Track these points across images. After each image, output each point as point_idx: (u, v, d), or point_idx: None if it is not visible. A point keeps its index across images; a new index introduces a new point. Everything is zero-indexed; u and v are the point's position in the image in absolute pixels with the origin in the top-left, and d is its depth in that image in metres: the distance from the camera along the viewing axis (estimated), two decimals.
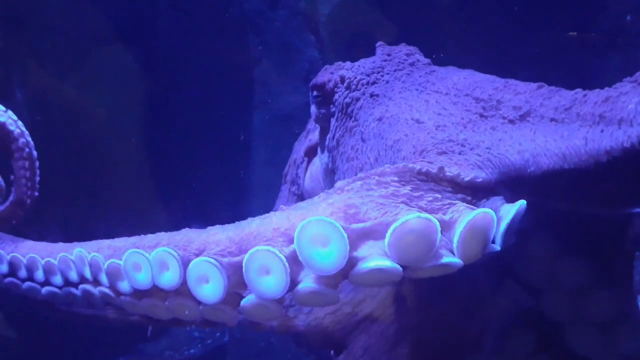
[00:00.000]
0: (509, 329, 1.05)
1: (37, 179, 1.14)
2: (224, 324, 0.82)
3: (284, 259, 0.75)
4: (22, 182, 1.07)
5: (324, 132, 1.28)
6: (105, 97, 2.93)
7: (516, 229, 0.82)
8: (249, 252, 0.75)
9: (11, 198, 1.12)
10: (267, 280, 0.75)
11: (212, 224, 0.84)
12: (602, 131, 0.81)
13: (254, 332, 2.56)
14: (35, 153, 1.19)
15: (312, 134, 1.39)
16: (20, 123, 1.20)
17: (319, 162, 1.32)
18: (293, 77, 3.25)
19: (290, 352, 2.52)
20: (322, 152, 1.29)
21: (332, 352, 1.05)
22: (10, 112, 1.21)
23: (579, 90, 0.90)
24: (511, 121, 0.93)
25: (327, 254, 0.75)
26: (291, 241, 0.77)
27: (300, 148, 1.43)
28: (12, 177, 1.16)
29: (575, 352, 1.02)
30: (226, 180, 3.10)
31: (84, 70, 2.89)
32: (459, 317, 1.00)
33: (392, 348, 0.92)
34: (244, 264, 0.75)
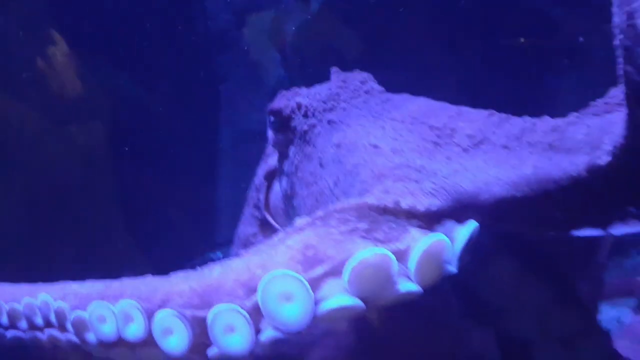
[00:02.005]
0: (475, 347, 1.05)
1: None
2: None
3: (247, 316, 0.76)
4: None
5: (282, 157, 1.28)
6: (64, 117, 2.89)
7: (472, 249, 0.83)
8: (212, 311, 0.77)
9: None
10: (233, 338, 0.77)
11: (179, 245, 0.83)
12: (550, 159, 0.83)
13: None
14: None
15: (271, 158, 1.39)
16: None
17: (278, 187, 1.32)
18: (260, 96, 3.25)
19: None
20: (281, 177, 1.29)
21: None
22: None
23: (527, 118, 0.91)
24: (465, 150, 0.94)
25: (292, 311, 0.77)
26: (252, 291, 0.78)
27: (260, 172, 1.42)
28: None
29: None
30: (192, 200, 3.07)
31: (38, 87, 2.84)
32: (421, 332, 1.00)
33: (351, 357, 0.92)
34: (208, 324, 0.77)
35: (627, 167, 0.77)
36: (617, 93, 0.84)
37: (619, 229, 0.80)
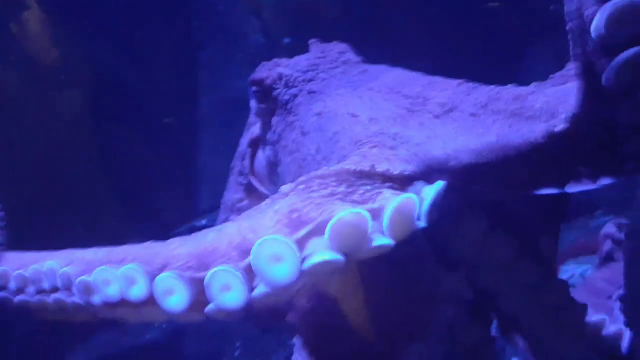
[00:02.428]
0: (447, 298, 1.15)
1: None
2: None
3: (241, 276, 0.84)
4: None
5: (265, 127, 1.34)
6: (43, 85, 2.88)
7: (441, 207, 0.92)
8: (209, 272, 0.84)
9: None
10: (229, 295, 0.85)
11: (163, 213, 0.90)
12: (511, 126, 0.91)
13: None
14: None
15: (254, 127, 1.45)
16: None
17: (262, 155, 1.38)
18: (239, 62, 3.26)
19: (246, 331, 2.60)
20: (265, 145, 1.35)
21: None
22: None
23: (493, 87, 0.99)
24: (436, 116, 1.02)
25: (281, 271, 0.85)
26: (245, 253, 0.86)
27: (243, 141, 1.49)
28: None
29: (505, 313, 1.14)
30: (174, 168, 3.11)
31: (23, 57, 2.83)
32: (402, 276, 1.09)
33: (335, 304, 1.01)
34: (205, 284, 0.84)
35: (579, 133, 0.85)
36: (572, 66, 0.92)
37: (573, 188, 0.89)
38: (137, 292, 0.87)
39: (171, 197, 2.99)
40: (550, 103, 0.90)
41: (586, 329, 1.20)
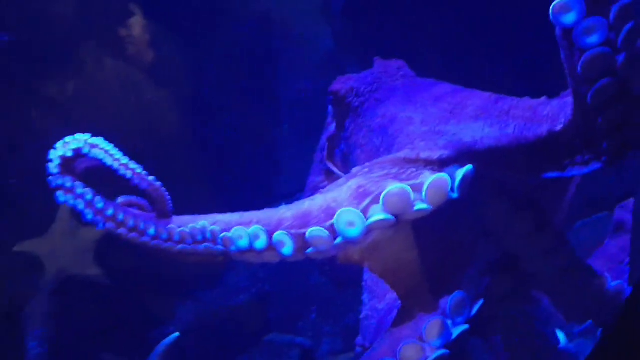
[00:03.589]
0: (483, 260, 1.48)
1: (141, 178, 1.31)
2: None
3: (328, 233, 1.23)
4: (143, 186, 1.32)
5: (339, 126, 1.72)
6: (146, 85, 3.33)
7: (470, 186, 1.25)
8: (308, 230, 1.24)
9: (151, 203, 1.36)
10: (320, 243, 1.25)
11: (248, 198, 1.27)
12: (524, 126, 1.24)
13: (292, 282, 3.05)
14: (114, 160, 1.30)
15: (330, 126, 1.83)
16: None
17: (337, 148, 1.76)
18: (311, 64, 3.66)
19: (322, 297, 3.03)
20: (340, 141, 1.73)
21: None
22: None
23: (514, 98, 1.32)
24: (470, 117, 1.36)
25: (353, 231, 1.24)
26: (330, 216, 1.24)
27: (323, 137, 1.87)
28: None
29: (527, 272, 1.46)
30: (255, 159, 3.55)
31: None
32: (446, 234, 1.43)
33: (404, 251, 1.36)
34: (305, 237, 1.25)
35: (572, 132, 1.18)
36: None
37: (571, 172, 1.22)
38: (261, 244, 1.27)
39: (253, 183, 3.43)
40: (554, 111, 1.23)
41: (598, 289, 1.49)
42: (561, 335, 1.85)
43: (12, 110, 2.89)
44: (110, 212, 1.35)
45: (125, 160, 1.33)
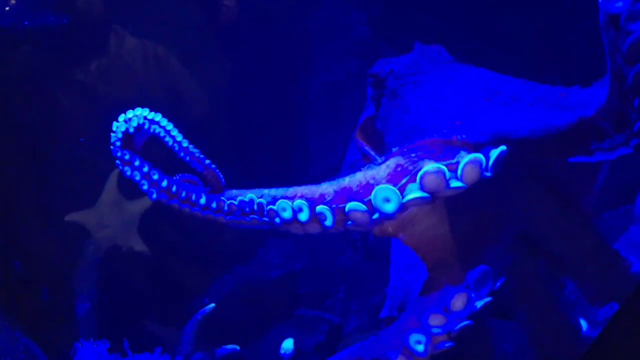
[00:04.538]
0: (509, 239, 1.56)
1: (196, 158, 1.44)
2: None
3: (366, 208, 1.33)
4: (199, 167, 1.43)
5: (377, 107, 1.79)
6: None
7: (502, 164, 1.32)
8: (347, 206, 1.33)
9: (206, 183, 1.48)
10: (358, 217, 1.35)
11: (283, 178, 1.37)
12: (557, 112, 1.31)
13: (322, 262, 3.18)
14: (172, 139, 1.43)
15: (369, 108, 1.91)
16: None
17: (374, 127, 1.84)
18: (344, 49, 3.72)
19: (351, 277, 3.14)
20: (377, 120, 1.81)
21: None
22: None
23: (547, 85, 1.39)
24: (505, 104, 1.43)
25: (389, 207, 1.33)
26: (368, 192, 1.33)
27: (361, 118, 1.96)
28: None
29: (553, 253, 1.53)
30: (287, 140, 3.65)
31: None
32: (480, 223, 1.50)
33: (436, 225, 1.44)
34: (345, 211, 1.34)
35: (602, 118, 1.24)
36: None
37: (598, 157, 1.29)
38: (304, 216, 1.37)
39: (286, 163, 3.54)
40: (586, 98, 1.30)
41: (624, 272, 1.55)
42: (583, 323, 1.91)
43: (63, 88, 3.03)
44: (164, 184, 1.47)
45: (183, 141, 1.44)
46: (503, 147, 1.33)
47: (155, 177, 1.48)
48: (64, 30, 2.92)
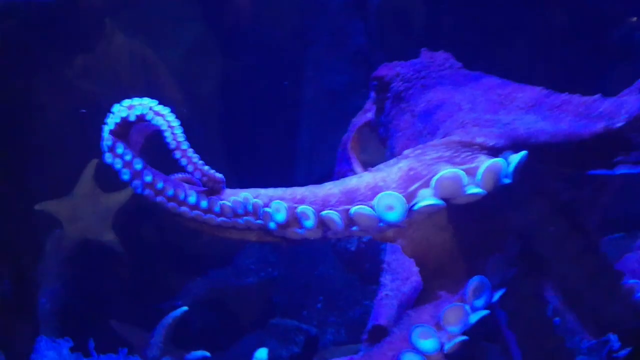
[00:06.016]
0: (511, 254, 1.47)
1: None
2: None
3: (372, 211, 1.22)
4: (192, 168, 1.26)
5: (379, 112, 1.71)
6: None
7: (520, 172, 1.23)
8: (353, 208, 1.21)
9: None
10: (364, 220, 1.23)
11: (270, 183, 1.24)
12: (577, 122, 1.24)
13: (300, 271, 3.07)
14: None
15: (369, 112, 1.83)
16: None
17: (369, 134, 1.76)
18: (341, 59, 3.66)
19: (327, 288, 3.02)
20: (378, 125, 1.73)
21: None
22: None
23: (566, 93, 1.31)
24: (521, 109, 1.35)
25: (392, 215, 1.22)
26: (375, 194, 1.22)
27: (358, 121, 1.87)
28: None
29: (555, 273, 1.45)
30: (278, 146, 3.56)
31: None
32: (483, 229, 1.40)
33: (437, 232, 1.34)
34: (350, 213, 1.22)
35: (632, 130, 1.17)
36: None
37: (620, 170, 1.21)
38: (310, 223, 1.24)
39: (275, 168, 3.44)
40: (611, 108, 1.23)
41: (628, 296, 1.48)
42: None
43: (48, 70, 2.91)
44: (148, 178, 1.31)
45: (184, 143, 1.29)
46: (524, 152, 1.24)
47: (138, 167, 1.31)
48: (52, 11, 2.80)
